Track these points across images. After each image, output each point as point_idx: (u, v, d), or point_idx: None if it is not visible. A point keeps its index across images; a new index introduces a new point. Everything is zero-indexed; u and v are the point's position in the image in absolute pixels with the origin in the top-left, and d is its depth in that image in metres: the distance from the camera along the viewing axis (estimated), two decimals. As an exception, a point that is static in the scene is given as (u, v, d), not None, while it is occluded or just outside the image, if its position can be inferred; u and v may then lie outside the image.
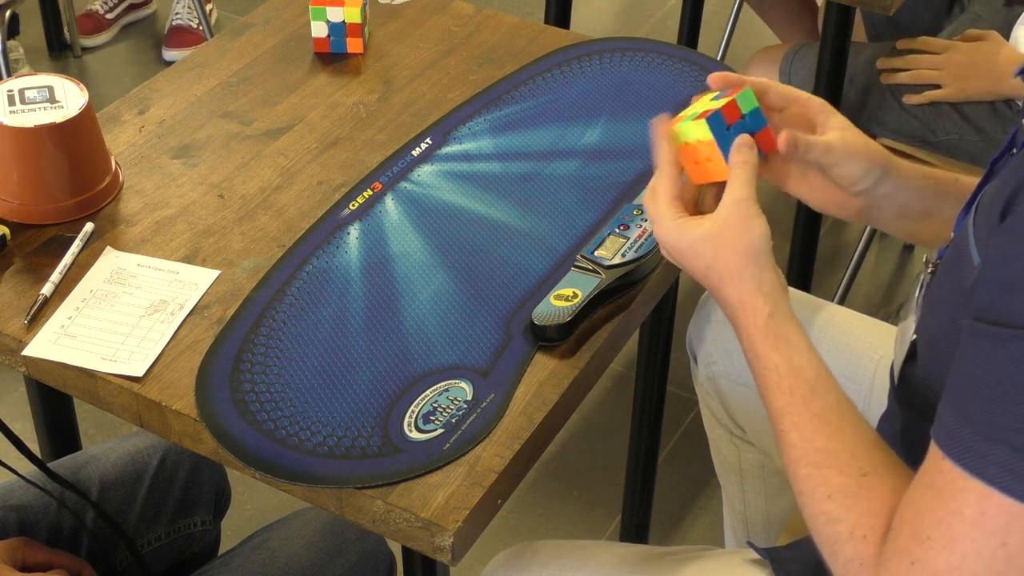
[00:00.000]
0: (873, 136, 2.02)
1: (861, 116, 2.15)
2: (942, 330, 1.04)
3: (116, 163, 1.46)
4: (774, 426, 1.06)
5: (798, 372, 1.05)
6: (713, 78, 1.18)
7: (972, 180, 1.16)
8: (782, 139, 1.14)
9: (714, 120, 1.12)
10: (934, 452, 0.93)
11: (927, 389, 1.08)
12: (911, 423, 1.13)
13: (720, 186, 1.13)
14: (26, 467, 1.38)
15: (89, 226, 1.37)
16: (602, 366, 1.29)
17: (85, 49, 3.31)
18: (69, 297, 1.29)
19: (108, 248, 1.35)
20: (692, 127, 1.14)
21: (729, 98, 1.14)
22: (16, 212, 1.38)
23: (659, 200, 1.14)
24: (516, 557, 1.35)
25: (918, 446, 1.11)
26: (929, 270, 1.13)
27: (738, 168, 1.11)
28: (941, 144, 2.11)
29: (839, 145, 1.18)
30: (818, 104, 1.20)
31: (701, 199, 1.17)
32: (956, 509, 0.90)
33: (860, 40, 2.33)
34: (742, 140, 1.12)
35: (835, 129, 1.19)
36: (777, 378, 1.06)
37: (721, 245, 1.09)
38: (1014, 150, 1.05)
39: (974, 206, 1.03)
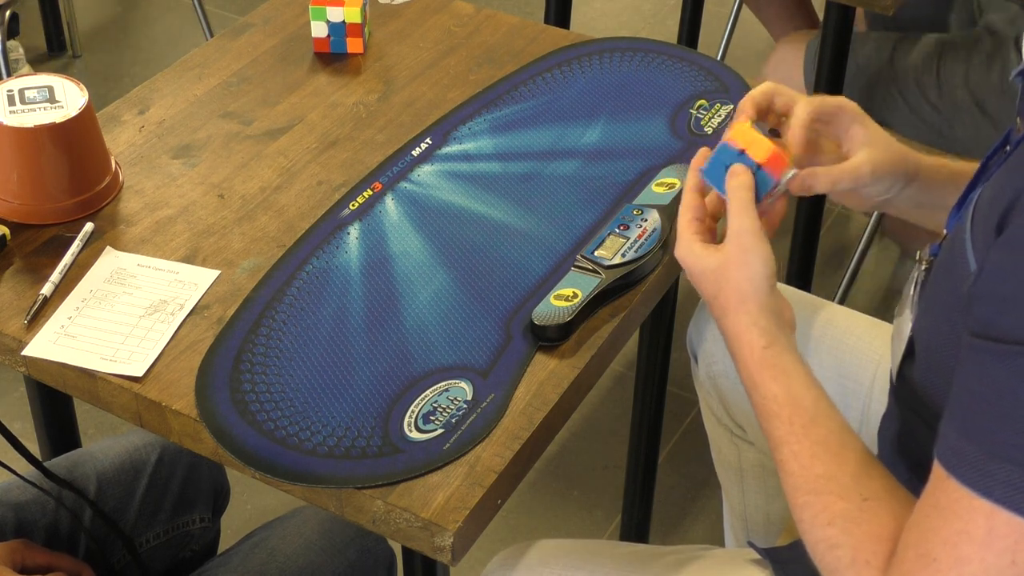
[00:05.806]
0: None
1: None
2: (938, 332, 1.04)
3: (116, 163, 1.46)
4: (774, 457, 1.06)
5: (796, 401, 1.05)
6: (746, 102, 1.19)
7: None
8: (795, 186, 1.14)
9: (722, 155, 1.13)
10: (938, 471, 0.92)
11: (924, 390, 1.08)
12: (908, 424, 1.13)
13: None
14: (25, 467, 1.38)
15: (89, 226, 1.37)
16: (602, 366, 1.29)
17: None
18: (69, 297, 1.28)
19: (108, 248, 1.35)
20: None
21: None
22: (16, 212, 1.38)
23: (680, 221, 1.15)
24: (516, 557, 1.35)
25: (915, 448, 1.11)
26: (923, 267, 1.13)
27: (732, 194, 1.11)
28: (957, 140, 2.09)
29: (867, 170, 1.18)
30: (849, 115, 1.19)
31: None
32: (962, 529, 0.89)
33: (859, 29, 2.30)
34: (735, 167, 1.12)
35: (863, 146, 1.18)
36: (776, 408, 1.05)
37: (722, 278, 1.10)
38: (1007, 148, 1.05)
39: (970, 207, 1.02)
